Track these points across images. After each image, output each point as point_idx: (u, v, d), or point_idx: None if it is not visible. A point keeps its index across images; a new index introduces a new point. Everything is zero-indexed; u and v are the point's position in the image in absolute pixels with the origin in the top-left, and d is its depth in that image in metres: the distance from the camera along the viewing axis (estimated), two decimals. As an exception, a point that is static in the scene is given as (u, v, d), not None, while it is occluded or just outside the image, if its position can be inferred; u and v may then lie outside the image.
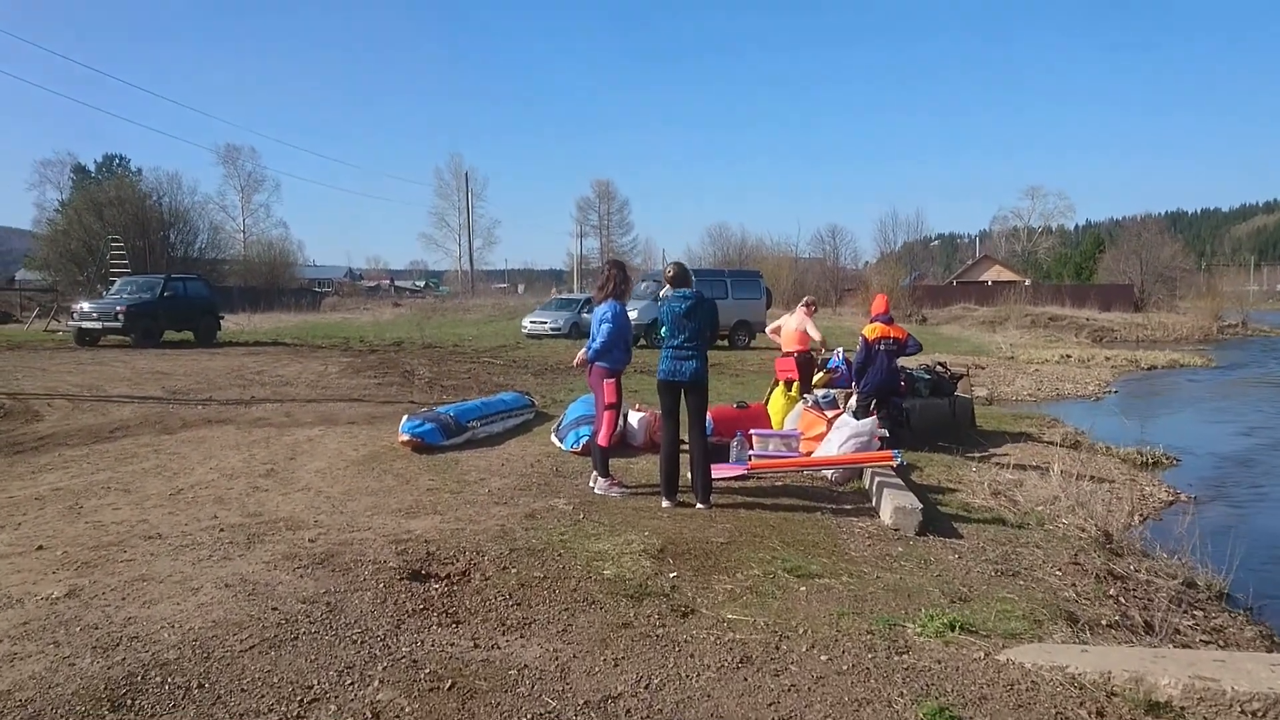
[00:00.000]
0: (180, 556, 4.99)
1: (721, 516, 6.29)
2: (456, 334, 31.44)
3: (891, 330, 9.72)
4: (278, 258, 65.46)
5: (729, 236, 75.69)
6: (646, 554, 5.26)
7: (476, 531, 5.60)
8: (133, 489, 6.69)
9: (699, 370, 6.43)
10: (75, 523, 5.71)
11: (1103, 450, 12.71)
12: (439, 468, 7.65)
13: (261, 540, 5.32)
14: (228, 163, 69.48)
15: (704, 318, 6.46)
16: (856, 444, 7.72)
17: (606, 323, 6.63)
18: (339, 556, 5.00)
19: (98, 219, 45.71)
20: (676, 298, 6.51)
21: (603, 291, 6.79)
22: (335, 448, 8.49)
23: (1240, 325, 49.37)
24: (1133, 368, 27.64)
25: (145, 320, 21.42)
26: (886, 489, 6.70)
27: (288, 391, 13.36)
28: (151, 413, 10.78)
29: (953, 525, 6.60)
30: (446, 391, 14.06)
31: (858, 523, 6.42)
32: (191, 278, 25.08)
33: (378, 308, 57.30)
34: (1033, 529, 6.88)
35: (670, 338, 6.49)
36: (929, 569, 5.49)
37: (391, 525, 5.74)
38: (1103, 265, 74.11)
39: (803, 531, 6.07)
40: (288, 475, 7.24)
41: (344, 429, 9.75)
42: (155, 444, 8.66)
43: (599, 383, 6.72)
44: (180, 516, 5.88)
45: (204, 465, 7.60)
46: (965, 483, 8.44)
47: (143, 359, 18.04)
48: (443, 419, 8.60)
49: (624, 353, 6.78)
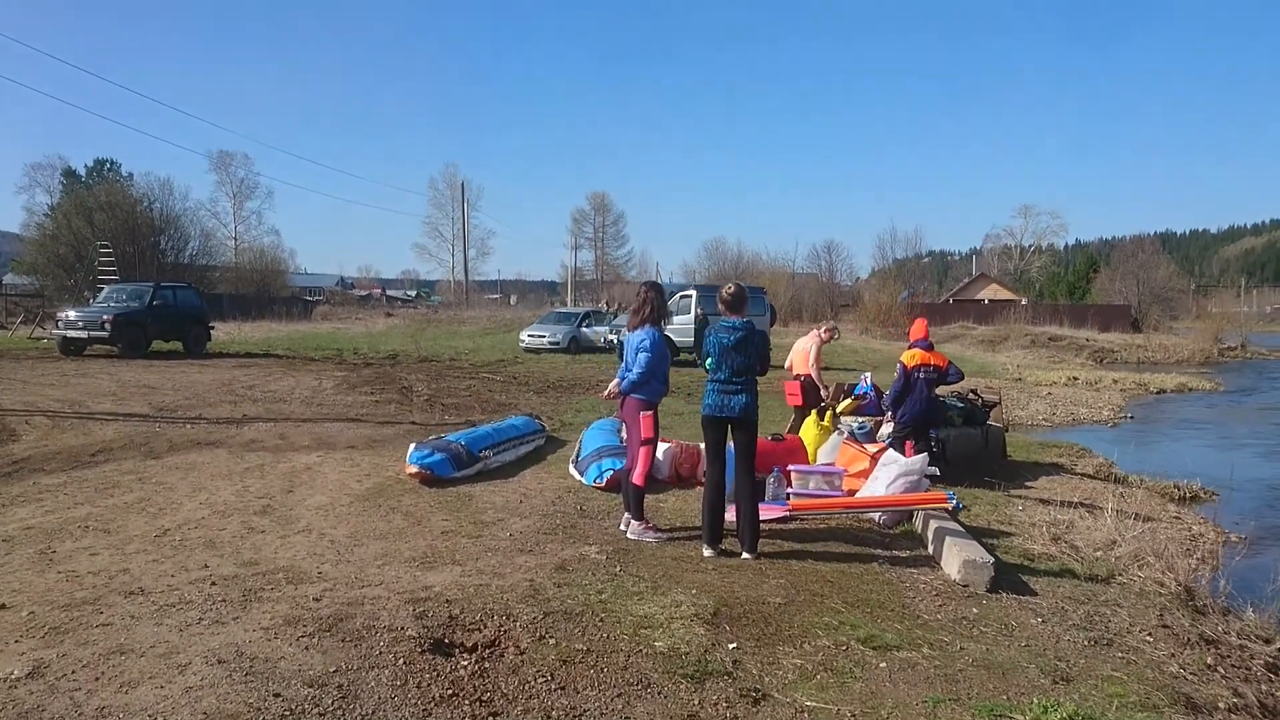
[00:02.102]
0: (165, 619, 4.32)
1: (772, 569, 5.65)
2: (452, 346, 30.74)
3: (931, 357, 9.12)
4: (269, 265, 64.54)
5: (725, 251, 75.38)
6: (699, 619, 4.61)
7: (503, 588, 4.94)
8: (113, 528, 6.00)
9: (749, 406, 5.80)
10: (46, 572, 5.03)
11: (1137, 483, 12.17)
12: (452, 505, 6.98)
13: (259, 598, 4.65)
14: (220, 169, 68.65)
15: (755, 351, 5.83)
16: (906, 483, 7.10)
17: (644, 351, 5.99)
18: (349, 620, 4.33)
19: (87, 224, 44.82)
20: (725, 328, 5.88)
21: (638, 316, 6.15)
22: (336, 479, 7.81)
23: (1240, 348, 49.04)
24: (1142, 391, 27.17)
25: (133, 330, 20.64)
26: (949, 537, 6.08)
27: (281, 409, 12.67)
28: (137, 433, 10.08)
29: (1021, 579, 5.97)
30: (448, 410, 13.42)
31: (919, 576, 5.80)
32: (181, 286, 24.31)
33: (370, 318, 56.58)
34: (1106, 583, 6.27)
35: (716, 370, 5.85)
36: (1014, 637, 4.87)
37: (406, 578, 5.07)
38: (1097, 285, 73.87)
39: (863, 588, 5.44)
40: (286, 513, 6.56)
41: (343, 455, 9.08)
42: (140, 471, 7.98)
43: (634, 416, 6.07)
44: (166, 565, 5.21)
45: (193, 499, 6.91)
46: (1017, 524, 7.83)
47: (129, 371, 17.30)
48: (453, 448, 7.94)
49: (662, 383, 6.14)
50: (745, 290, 6.03)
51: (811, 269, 76.21)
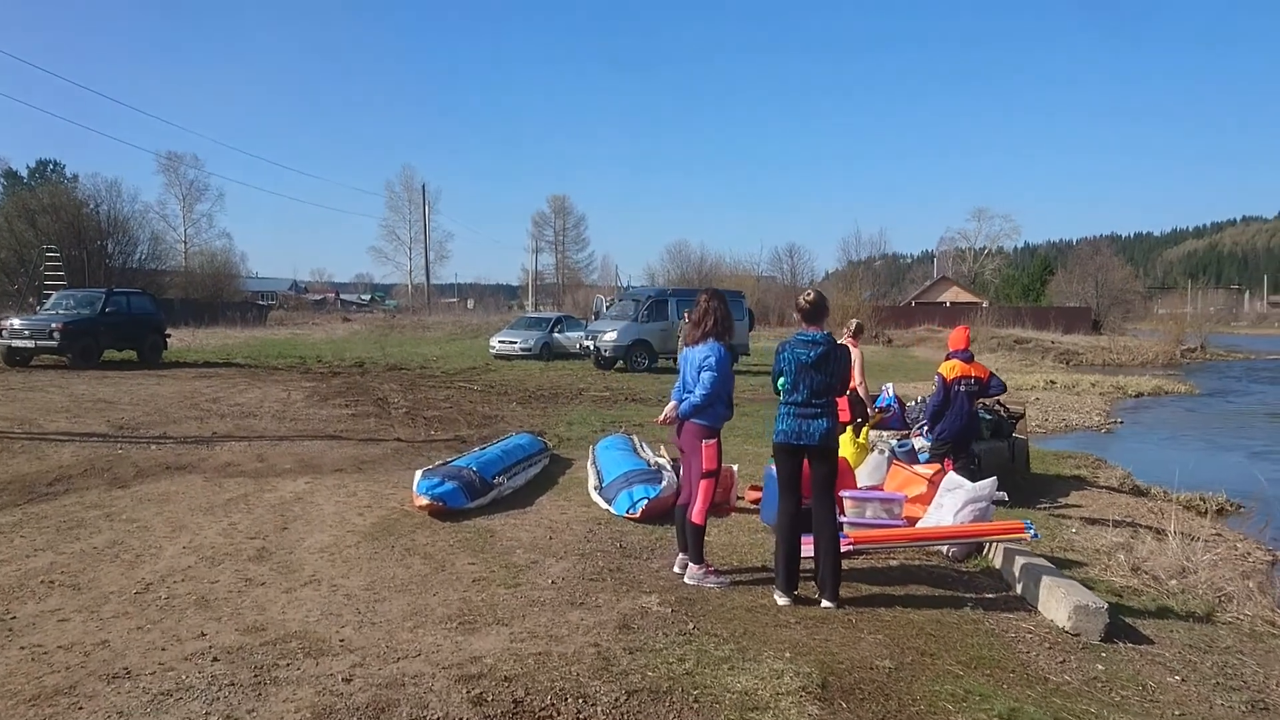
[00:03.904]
0: (163, 714, 3.46)
1: (861, 621, 4.91)
2: (420, 354, 29.69)
3: (973, 369, 8.47)
4: (221, 270, 62.64)
5: (688, 254, 74.68)
6: (808, 694, 3.85)
7: (566, 657, 4.14)
8: (84, 582, 5.08)
9: (830, 432, 5.06)
10: (6, 648, 4.11)
11: (1161, 496, 11.69)
12: (474, 543, 6.13)
13: (275, 679, 3.80)
14: (168, 171, 66.22)
15: (836, 369, 5.08)
16: (974, 510, 6.41)
17: (709, 370, 5.20)
18: (393, 711, 3.51)
19: (30, 226, 42.89)
20: (803, 341, 5.11)
21: (699, 329, 5.36)
22: (333, 511, 6.93)
23: (1200, 349, 49.57)
24: (1121, 395, 27.03)
25: (84, 339, 19.35)
26: (1045, 577, 5.40)
27: (253, 426, 11.69)
28: (98, 455, 9.08)
29: (1126, 622, 5.31)
30: (431, 425, 12.54)
31: (1020, 623, 5.11)
32: (135, 292, 22.96)
33: (328, 323, 55.10)
34: (1209, 622, 5.64)
35: (791, 391, 5.09)
36: (1160, 703, 4.20)
37: (448, 646, 4.24)
38: (1052, 287, 74.56)
39: (971, 643, 4.72)
40: (285, 557, 5.67)
41: (334, 480, 8.19)
42: (106, 504, 7.03)
43: (694, 444, 5.29)
44: (153, 633, 4.32)
45: (174, 541, 5.99)
46: (1081, 551, 7.21)
47: (82, 383, 16.10)
48: (464, 475, 7.09)
49: (727, 407, 5.36)
50: (825, 300, 5.26)
51: (774, 272, 76.07)
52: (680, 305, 24.22)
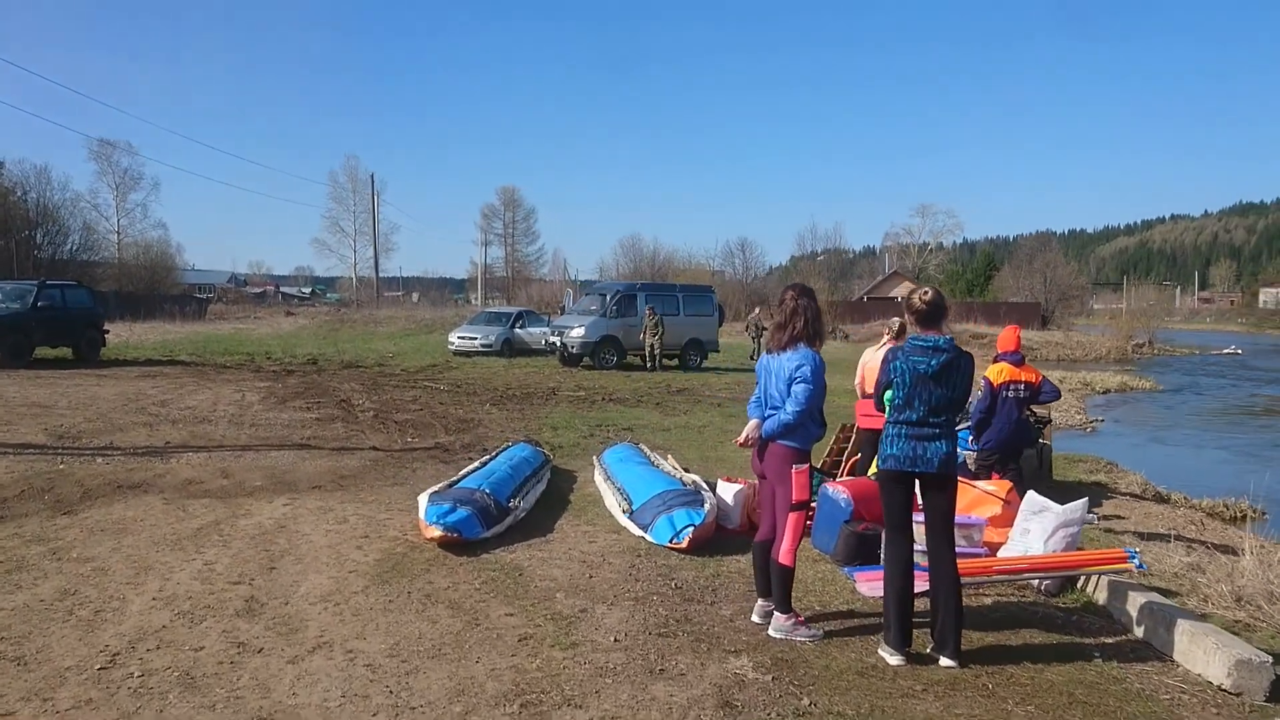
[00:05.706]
0: None
1: (995, 684, 4.09)
2: (374, 349, 28.41)
3: (1023, 373, 7.78)
4: (157, 261, 59.99)
5: (641, 249, 73.78)
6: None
7: (672, 755, 3.26)
8: (29, 654, 4.03)
9: (949, 456, 4.23)
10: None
11: (1183, 502, 11.20)
12: (503, 585, 5.18)
13: (304, 804, 2.86)
14: (100, 159, 63.01)
15: (960, 381, 4.25)
16: (1067, 536, 5.68)
17: (803, 382, 4.33)
18: None
19: (-49, 215, 40.55)
20: (921, 348, 4.26)
21: (786, 332, 4.47)
22: (326, 543, 5.92)
23: (1148, 344, 50.24)
24: (1089, 391, 26.97)
25: (14, 335, 17.81)
26: (1181, 622, 4.65)
27: (209, 433, 10.55)
28: (35, 473, 7.92)
29: None
30: (404, 430, 11.52)
31: (1165, 679, 4.35)
32: (70, 285, 21.35)
33: (270, 317, 53.17)
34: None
35: (903, 408, 4.25)
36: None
37: (516, 743, 3.33)
38: (996, 283, 75.27)
39: (1129, 710, 3.94)
40: (281, 610, 4.68)
41: (316, 501, 7.17)
42: (51, 538, 5.93)
43: (781, 470, 4.41)
44: (130, 732, 3.34)
45: (139, 589, 4.94)
46: (1159, 575, 6.50)
47: (13, 384, 14.67)
48: (479, 500, 6.12)
49: (820, 426, 4.49)
50: (944, 297, 4.43)
51: (726, 266, 75.58)
52: (648, 301, 23.35)
